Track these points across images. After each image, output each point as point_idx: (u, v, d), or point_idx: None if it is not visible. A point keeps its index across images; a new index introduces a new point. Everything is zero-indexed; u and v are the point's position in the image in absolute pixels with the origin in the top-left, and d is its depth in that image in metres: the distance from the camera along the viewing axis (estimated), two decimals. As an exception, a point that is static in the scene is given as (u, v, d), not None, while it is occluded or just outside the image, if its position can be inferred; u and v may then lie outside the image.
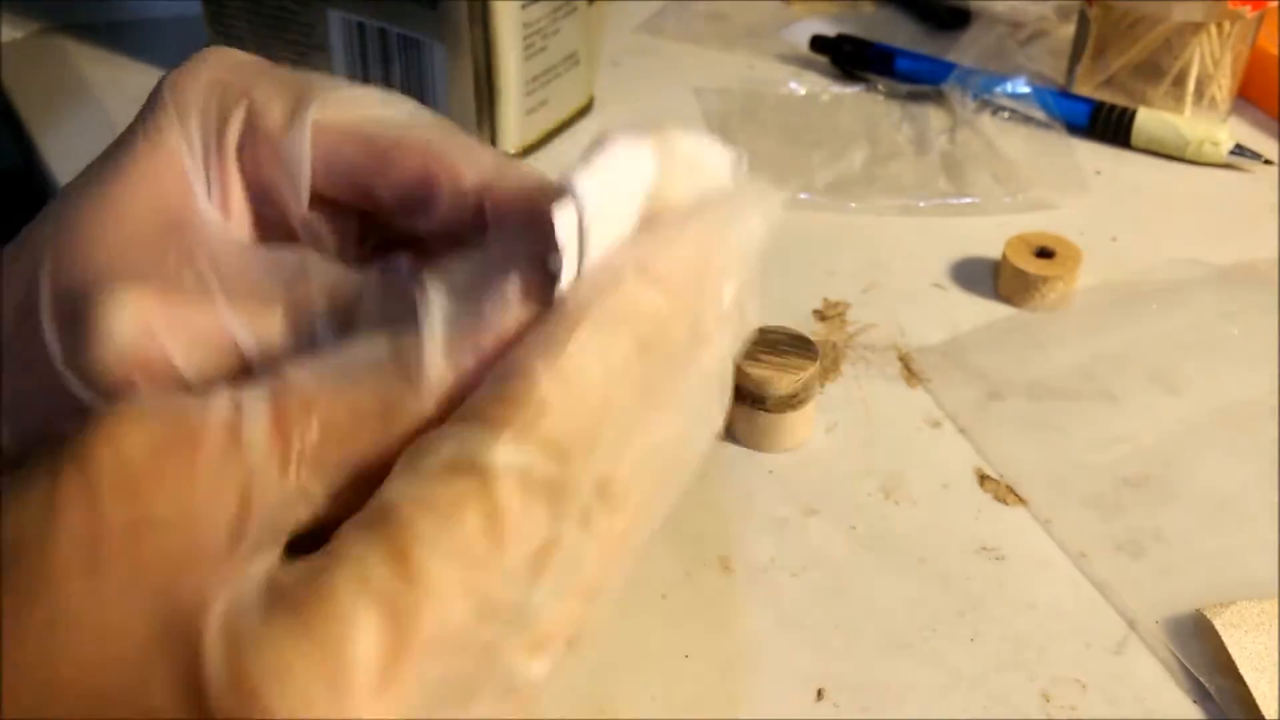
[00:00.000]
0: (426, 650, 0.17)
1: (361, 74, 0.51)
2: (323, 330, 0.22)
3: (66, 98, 0.56)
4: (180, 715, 0.16)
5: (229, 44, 0.55)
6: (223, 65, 0.24)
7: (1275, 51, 0.55)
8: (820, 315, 0.42)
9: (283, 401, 0.19)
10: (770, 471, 0.36)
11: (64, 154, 0.51)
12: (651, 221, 0.21)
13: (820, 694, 0.29)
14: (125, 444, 0.18)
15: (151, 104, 0.24)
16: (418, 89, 0.50)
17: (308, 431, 0.18)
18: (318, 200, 0.24)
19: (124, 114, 0.25)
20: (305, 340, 0.22)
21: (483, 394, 0.18)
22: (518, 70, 0.49)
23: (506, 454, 0.18)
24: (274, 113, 0.23)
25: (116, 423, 0.18)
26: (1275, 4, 0.54)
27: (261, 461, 0.18)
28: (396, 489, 0.18)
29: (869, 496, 0.35)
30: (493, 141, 0.50)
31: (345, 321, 0.22)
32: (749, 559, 0.33)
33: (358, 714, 0.16)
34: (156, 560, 0.17)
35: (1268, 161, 0.51)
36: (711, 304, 0.21)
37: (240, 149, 0.23)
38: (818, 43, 0.60)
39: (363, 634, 0.16)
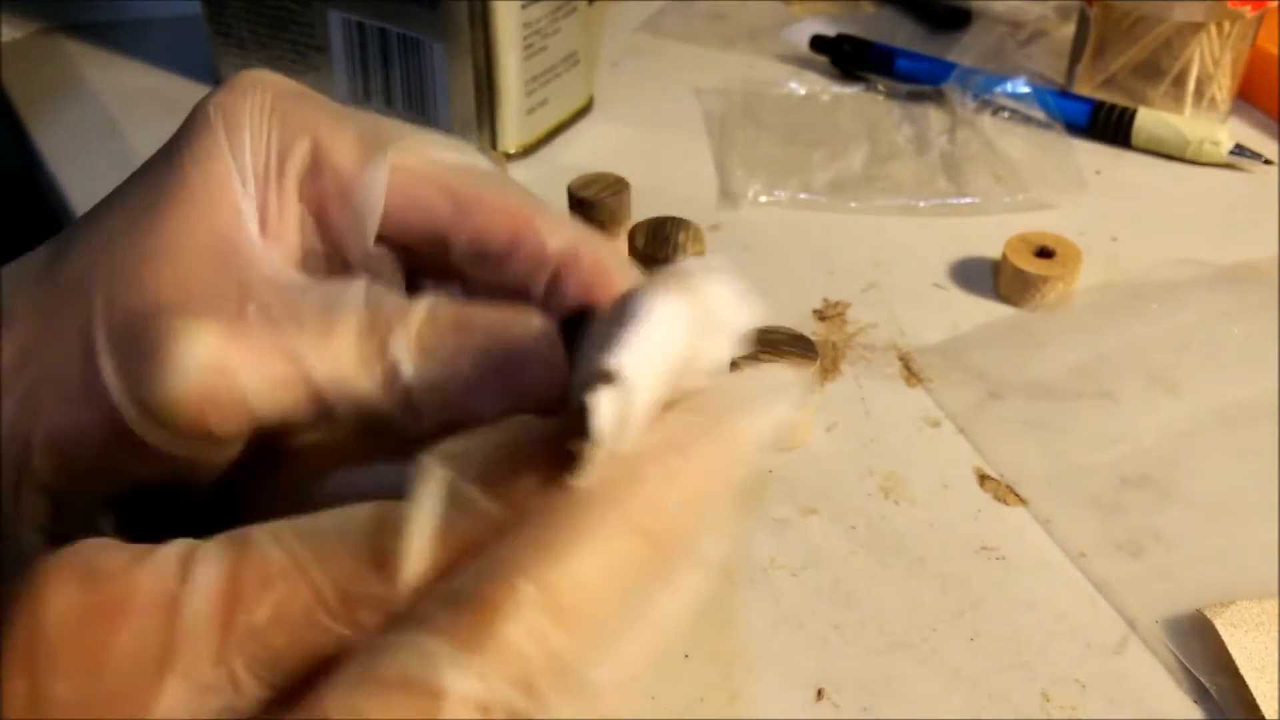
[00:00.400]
0: None
1: (361, 74, 0.51)
2: (392, 357, 0.21)
3: (66, 98, 0.56)
4: None
5: (229, 44, 0.55)
6: (273, 91, 0.24)
7: (1275, 51, 0.55)
8: (820, 315, 0.42)
9: (237, 575, 0.17)
10: (770, 471, 0.36)
11: (64, 154, 0.51)
12: (679, 406, 0.18)
13: (820, 694, 0.29)
14: (46, 610, 0.16)
15: (195, 126, 0.23)
16: (418, 89, 0.50)
17: (256, 614, 0.17)
18: (379, 239, 0.24)
19: (124, 114, 0.24)
20: (375, 369, 0.21)
21: (457, 597, 0.16)
22: (518, 70, 0.49)
23: (467, 682, 0.16)
24: (345, 150, 0.23)
25: (44, 583, 0.16)
26: (1275, 4, 0.54)
27: (194, 648, 0.16)
28: (339, 695, 0.16)
29: (869, 496, 0.35)
30: (493, 142, 0.50)
31: (415, 347, 0.22)
32: (749, 558, 0.33)
33: None
34: None
35: (1268, 161, 0.51)
36: (721, 511, 0.19)
37: (302, 181, 0.23)
38: (818, 43, 0.60)
39: None
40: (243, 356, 0.21)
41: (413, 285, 0.26)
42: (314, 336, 0.21)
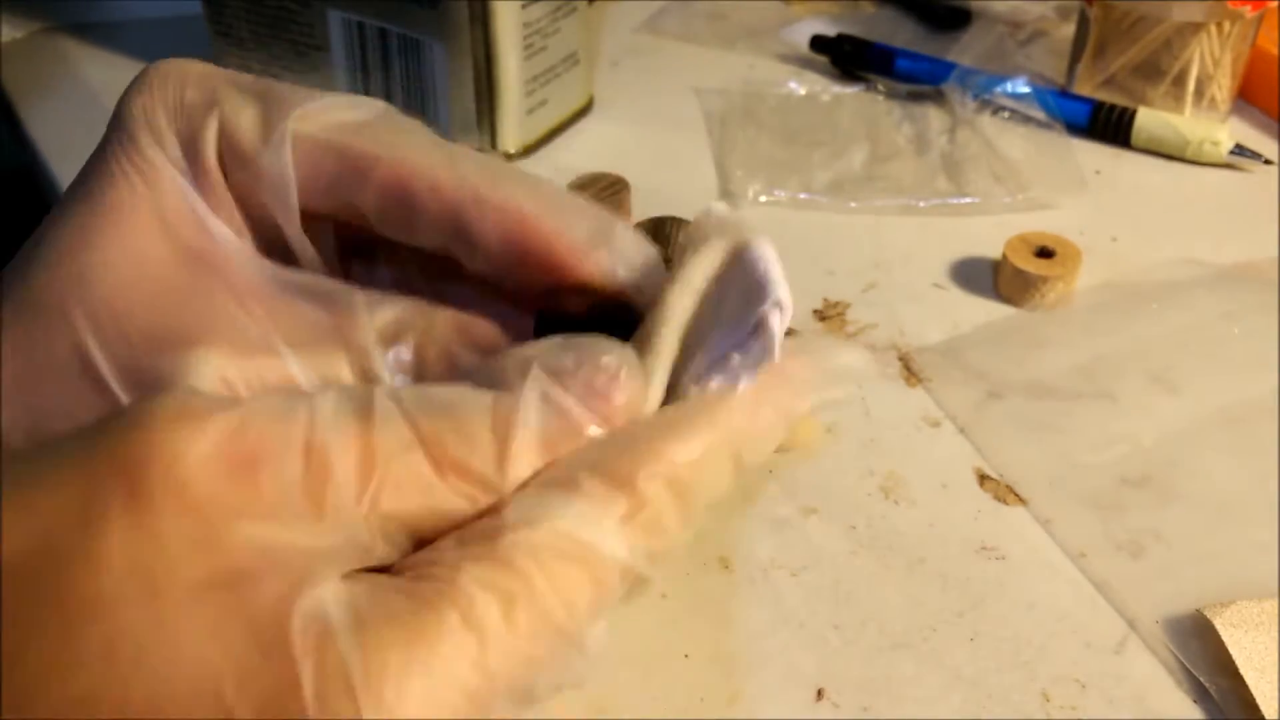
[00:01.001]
0: (508, 680, 0.18)
1: (361, 74, 0.51)
2: (388, 370, 0.23)
3: (66, 98, 0.56)
4: None
5: (229, 44, 0.55)
6: (184, 81, 0.23)
7: (1275, 51, 0.55)
8: (820, 315, 0.42)
9: (368, 434, 0.18)
10: (770, 471, 0.36)
11: (64, 153, 0.51)
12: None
13: (820, 694, 0.29)
14: (180, 458, 0.17)
15: (126, 130, 0.23)
16: (418, 89, 0.50)
17: (391, 471, 0.18)
18: (302, 213, 0.24)
19: (124, 114, 0.24)
20: (371, 377, 0.22)
21: (608, 473, 0.19)
22: (518, 70, 0.49)
23: (621, 549, 0.19)
24: (246, 129, 0.23)
25: (166, 429, 0.17)
26: (1275, 4, 0.54)
27: (340, 495, 0.18)
28: (516, 539, 0.18)
29: (869, 496, 0.35)
30: (492, 142, 0.50)
31: (420, 355, 0.23)
32: (749, 558, 0.33)
33: None
34: (225, 583, 0.16)
35: (1268, 161, 0.51)
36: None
37: (222, 168, 0.23)
38: (818, 43, 0.60)
39: (463, 656, 0.17)
40: (246, 380, 0.21)
41: (369, 258, 0.26)
42: (313, 354, 0.22)
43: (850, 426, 0.37)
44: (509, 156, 0.51)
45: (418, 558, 0.18)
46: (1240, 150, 0.51)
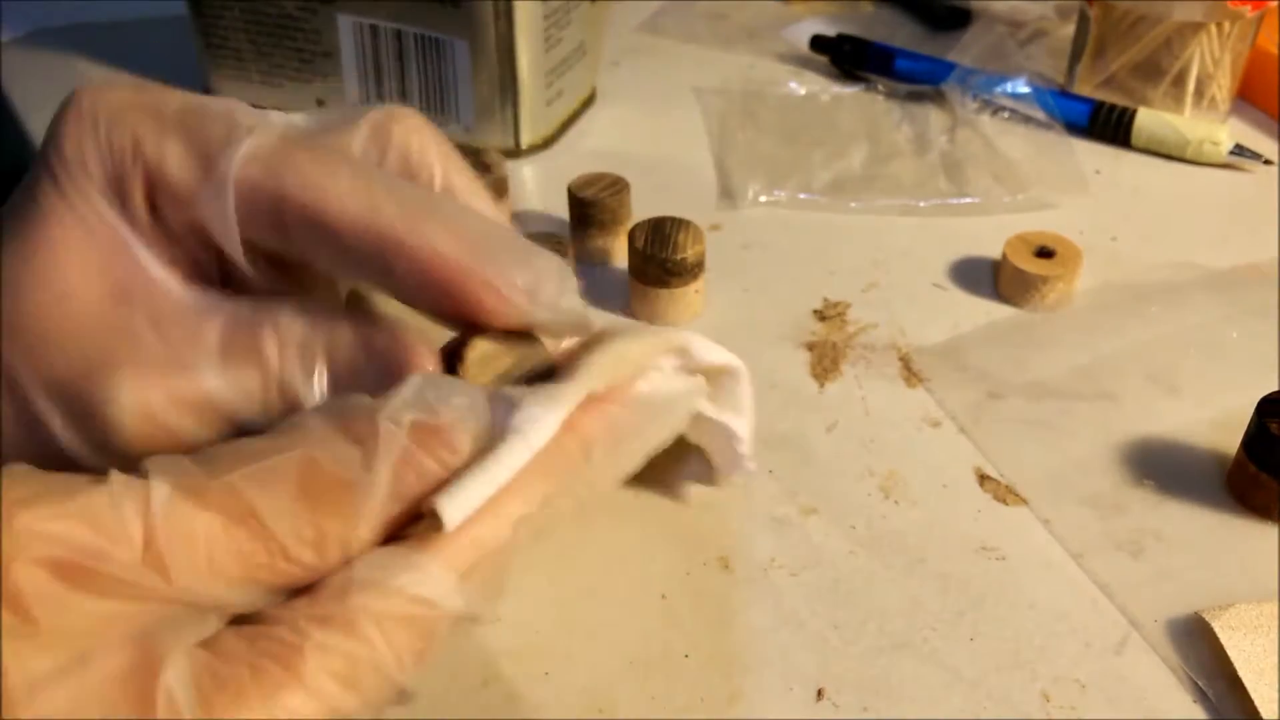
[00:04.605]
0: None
1: (374, 77, 0.51)
2: (303, 385, 0.24)
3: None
4: None
5: (222, 56, 0.54)
6: (110, 116, 0.24)
7: (1275, 51, 0.55)
8: (820, 315, 0.42)
9: (195, 522, 0.19)
10: (770, 471, 0.36)
11: (65, 154, 0.51)
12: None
13: (820, 694, 0.29)
14: (17, 577, 0.18)
15: (55, 168, 0.24)
16: (436, 89, 0.50)
17: (218, 554, 0.19)
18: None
19: (125, 115, 0.24)
20: (288, 393, 0.24)
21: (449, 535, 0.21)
22: (539, 63, 0.49)
23: (459, 600, 0.21)
24: (175, 169, 0.23)
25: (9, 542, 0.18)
26: (1275, 4, 0.54)
27: (180, 575, 0.19)
28: (364, 603, 0.20)
29: (869, 496, 0.35)
30: (515, 136, 0.50)
31: (331, 372, 0.24)
32: (749, 558, 0.33)
33: None
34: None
35: (1268, 161, 0.51)
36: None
37: (149, 203, 0.24)
38: (818, 43, 0.60)
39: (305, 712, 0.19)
40: (165, 399, 0.23)
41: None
42: (227, 371, 0.23)
43: (850, 426, 0.37)
44: (524, 151, 0.51)
45: (274, 614, 0.20)
46: (1240, 150, 0.51)
